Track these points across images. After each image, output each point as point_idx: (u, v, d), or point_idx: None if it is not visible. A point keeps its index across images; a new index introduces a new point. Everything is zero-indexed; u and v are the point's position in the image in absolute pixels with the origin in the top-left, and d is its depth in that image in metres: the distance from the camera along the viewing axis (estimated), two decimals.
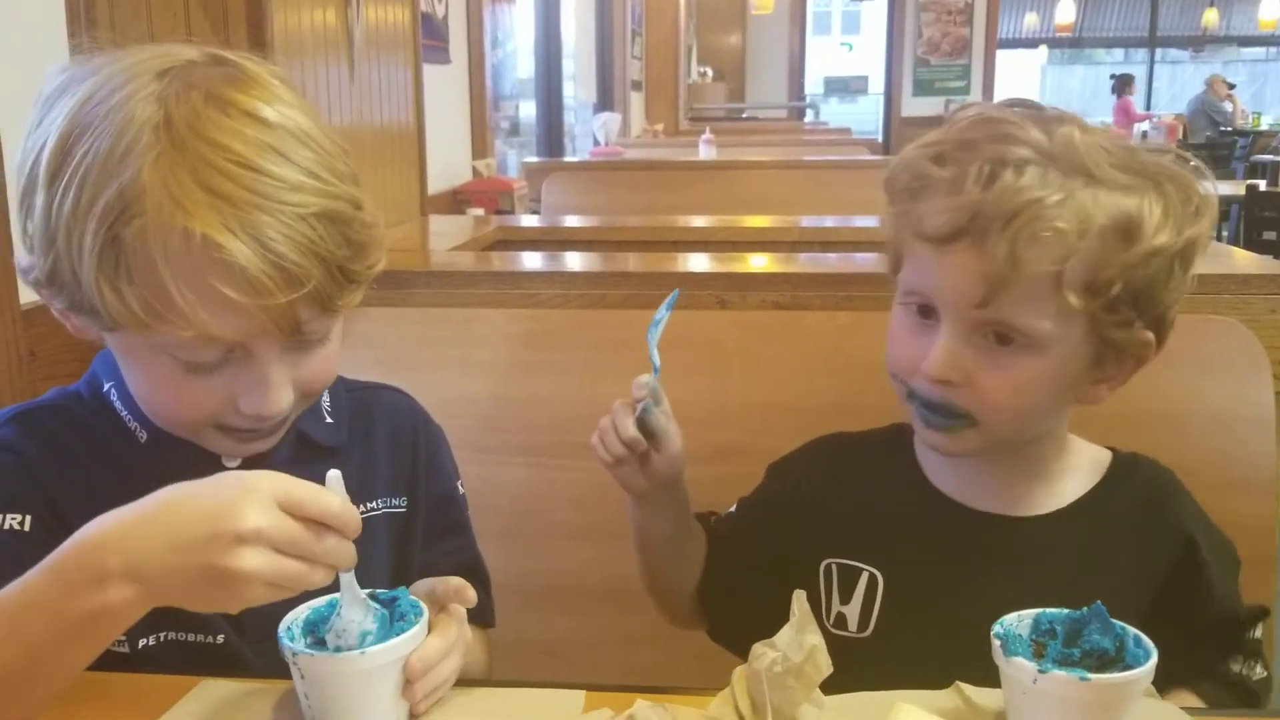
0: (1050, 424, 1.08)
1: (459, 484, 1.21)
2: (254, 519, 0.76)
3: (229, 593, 0.77)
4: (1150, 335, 1.01)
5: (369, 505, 1.10)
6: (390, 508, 1.12)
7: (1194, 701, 1.04)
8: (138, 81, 0.88)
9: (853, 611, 1.12)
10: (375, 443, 1.13)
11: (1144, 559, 1.07)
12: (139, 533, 0.77)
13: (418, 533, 1.14)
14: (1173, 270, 0.98)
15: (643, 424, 1.06)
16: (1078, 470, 1.11)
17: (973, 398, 1.00)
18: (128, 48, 0.93)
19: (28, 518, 0.94)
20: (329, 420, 1.09)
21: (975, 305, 0.96)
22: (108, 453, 1.00)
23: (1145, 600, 1.04)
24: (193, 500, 0.78)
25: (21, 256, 0.93)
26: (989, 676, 0.87)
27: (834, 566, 1.13)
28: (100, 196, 0.85)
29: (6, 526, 0.94)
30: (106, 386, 1.02)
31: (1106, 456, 1.13)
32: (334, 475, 0.85)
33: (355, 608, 0.87)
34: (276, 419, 0.97)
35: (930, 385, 1.01)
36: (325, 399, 1.10)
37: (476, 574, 1.18)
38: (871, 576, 1.11)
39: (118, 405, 1.01)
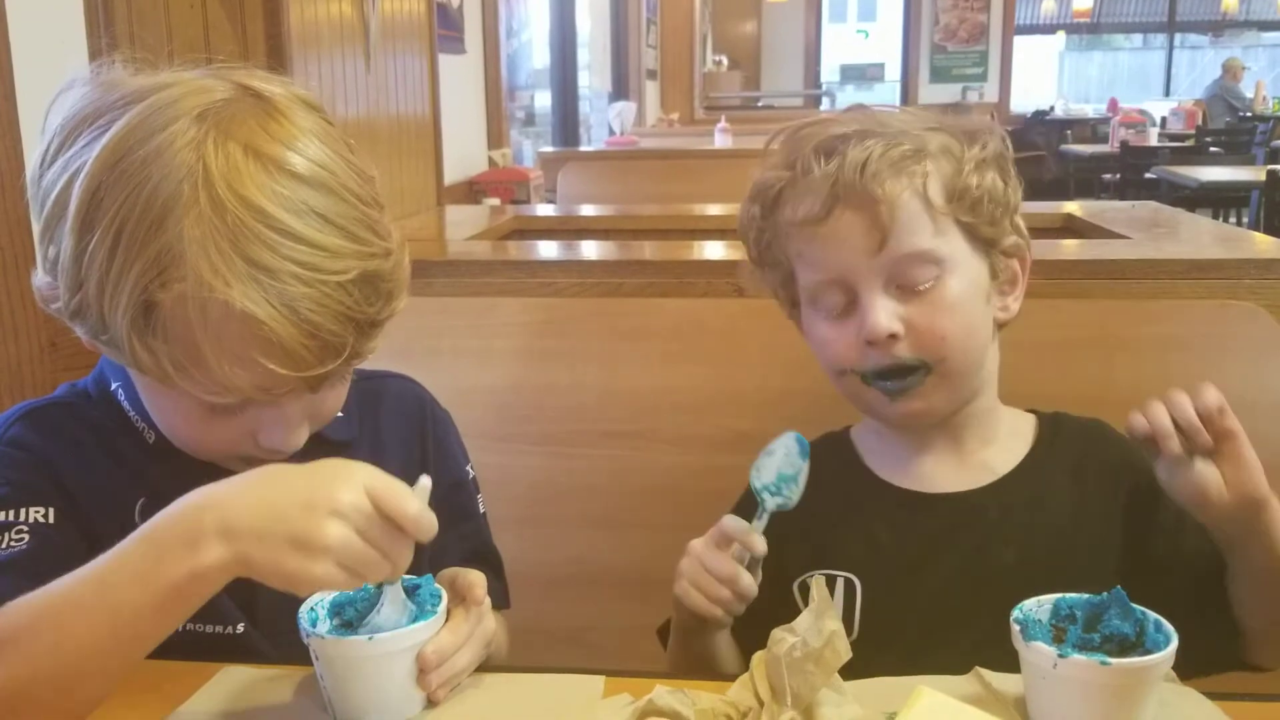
0: (988, 355, 1.12)
1: (469, 468, 1.21)
2: (348, 496, 0.78)
3: (307, 561, 0.78)
4: (1016, 237, 1.14)
5: None
6: None
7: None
8: (175, 127, 0.85)
9: None
10: (384, 432, 1.14)
11: (1095, 499, 1.12)
12: (237, 494, 0.80)
13: None
14: (1002, 177, 1.11)
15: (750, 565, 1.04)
16: (1011, 435, 1.17)
17: (918, 341, 1.06)
18: (156, 71, 0.91)
19: (51, 510, 0.95)
20: (339, 414, 1.09)
21: (876, 251, 1.05)
22: (117, 450, 1.01)
23: (1110, 536, 1.09)
24: (293, 474, 0.81)
25: (40, 280, 0.92)
26: (979, 656, 0.91)
27: (809, 582, 1.13)
28: (137, 259, 0.83)
29: (32, 519, 0.94)
30: (114, 386, 1.03)
31: (1032, 419, 1.19)
32: (424, 484, 0.85)
33: (394, 607, 0.89)
34: (294, 451, 0.98)
35: (880, 352, 1.06)
36: None
37: (487, 558, 1.19)
38: (848, 582, 1.12)
39: (125, 405, 1.02)
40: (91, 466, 0.99)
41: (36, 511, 0.94)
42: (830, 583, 1.12)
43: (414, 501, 0.81)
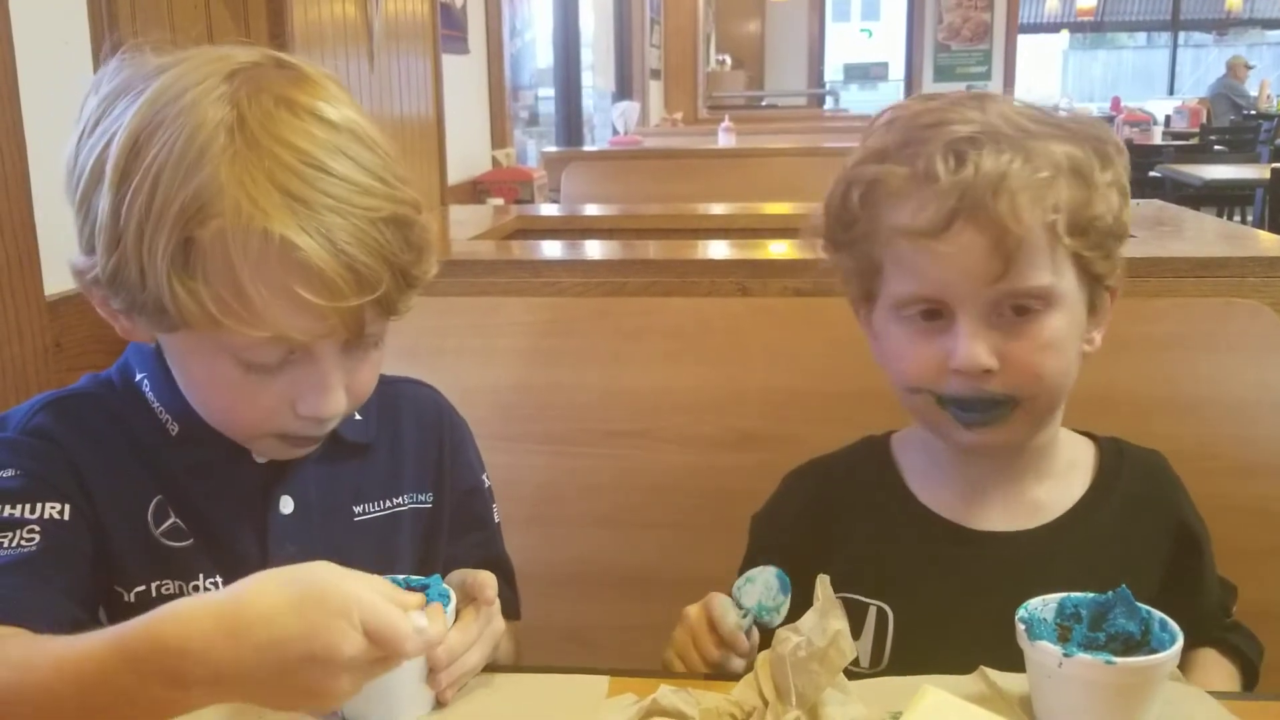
0: (1071, 385, 1.06)
1: (484, 477, 1.21)
2: (349, 649, 0.74)
3: (318, 704, 0.77)
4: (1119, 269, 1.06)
5: (396, 501, 1.10)
6: (416, 504, 1.12)
7: (1217, 658, 1.08)
8: (208, 83, 0.88)
9: (863, 648, 1.08)
10: (402, 438, 1.13)
11: (1146, 549, 1.08)
12: (226, 647, 0.73)
13: (443, 528, 1.14)
14: (1123, 200, 1.03)
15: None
16: (1070, 468, 1.11)
17: (1011, 377, 0.99)
18: (184, 49, 0.93)
19: (66, 507, 0.94)
20: (358, 417, 1.08)
21: (993, 280, 0.96)
22: (138, 444, 1.00)
23: (1152, 589, 1.03)
24: (283, 619, 0.73)
25: (77, 258, 0.93)
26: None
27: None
28: (176, 197, 0.85)
29: (47, 515, 0.93)
30: (139, 377, 1.02)
31: (1090, 449, 1.13)
32: (435, 609, 0.85)
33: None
34: (331, 422, 0.97)
35: (967, 382, 0.99)
36: None
37: (500, 568, 1.16)
38: (880, 611, 1.08)
39: (150, 396, 1.01)
40: (111, 460, 0.98)
41: (53, 508, 0.93)
42: (862, 610, 1.08)
43: (413, 642, 0.77)
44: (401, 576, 0.92)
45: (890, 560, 1.09)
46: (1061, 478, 1.10)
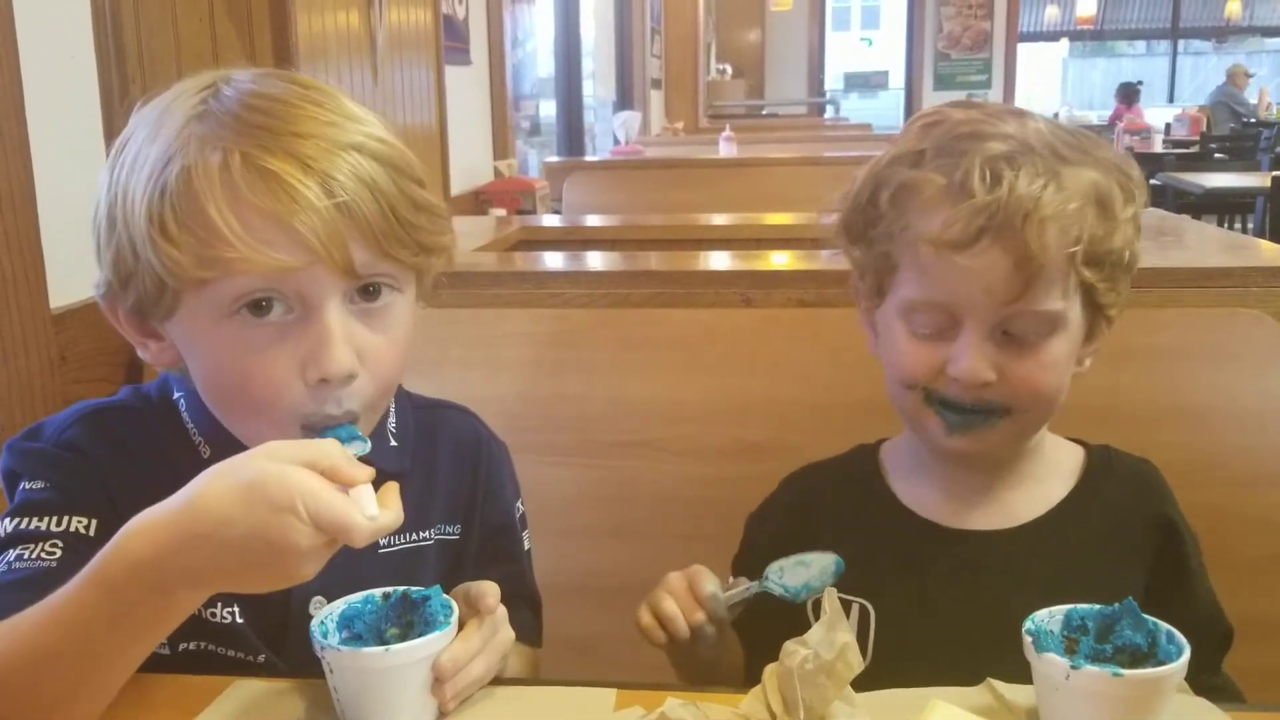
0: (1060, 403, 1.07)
1: (519, 504, 1.19)
2: (303, 541, 0.76)
3: (292, 583, 0.79)
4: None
5: (423, 535, 1.08)
6: (444, 535, 1.10)
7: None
8: (187, 83, 0.94)
9: None
10: (436, 468, 1.11)
11: (1128, 552, 1.08)
12: (194, 549, 0.76)
13: (469, 559, 1.12)
14: (1136, 235, 1.04)
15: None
16: (1054, 473, 1.12)
17: (1007, 390, 1.01)
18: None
19: (93, 522, 0.94)
20: (394, 444, 1.07)
21: (1009, 300, 0.98)
22: (171, 462, 0.98)
23: (1136, 592, 1.02)
24: (237, 520, 0.75)
25: (96, 279, 0.95)
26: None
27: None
28: (149, 157, 0.88)
29: (73, 529, 0.93)
30: (176, 396, 1.02)
31: (1079, 454, 1.14)
32: (389, 490, 0.85)
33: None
34: (346, 398, 0.92)
35: (964, 391, 1.01)
36: (391, 420, 1.08)
37: (527, 600, 1.17)
38: (863, 609, 1.10)
39: (185, 416, 1.01)
40: (142, 479, 0.96)
41: (79, 522, 0.94)
42: (845, 607, 1.07)
43: (364, 532, 0.78)
44: (401, 588, 0.92)
45: (872, 558, 1.10)
46: (1043, 481, 1.11)
